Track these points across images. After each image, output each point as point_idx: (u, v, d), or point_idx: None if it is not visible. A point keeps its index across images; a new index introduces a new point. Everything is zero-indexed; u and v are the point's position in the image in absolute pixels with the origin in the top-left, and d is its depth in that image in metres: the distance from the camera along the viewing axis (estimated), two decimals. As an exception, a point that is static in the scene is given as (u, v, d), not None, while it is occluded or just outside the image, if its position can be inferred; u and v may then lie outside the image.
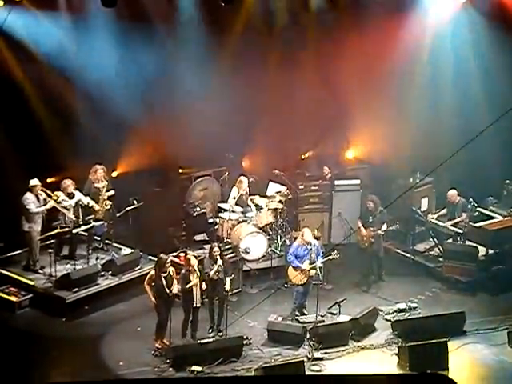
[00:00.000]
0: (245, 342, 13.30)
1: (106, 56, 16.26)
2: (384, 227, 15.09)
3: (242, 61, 16.75)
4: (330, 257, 14.15)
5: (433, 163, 13.96)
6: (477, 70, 16.93)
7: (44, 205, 14.70)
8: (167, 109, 16.56)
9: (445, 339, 12.96)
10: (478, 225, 16.01)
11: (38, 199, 14.71)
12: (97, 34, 16.15)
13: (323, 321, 13.88)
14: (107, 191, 15.51)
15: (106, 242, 15.80)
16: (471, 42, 16.80)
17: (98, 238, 15.81)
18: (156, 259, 13.48)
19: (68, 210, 14.85)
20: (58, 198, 14.75)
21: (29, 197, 14.62)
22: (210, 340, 13.09)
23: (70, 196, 14.95)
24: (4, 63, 15.60)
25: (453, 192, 15.98)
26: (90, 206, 15.15)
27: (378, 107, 16.70)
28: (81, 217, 15.12)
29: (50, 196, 14.73)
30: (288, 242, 15.61)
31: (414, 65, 17.00)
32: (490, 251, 15.68)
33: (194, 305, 13.21)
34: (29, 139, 15.67)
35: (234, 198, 16.00)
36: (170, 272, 13.10)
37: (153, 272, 13.15)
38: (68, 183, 14.99)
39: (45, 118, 16.08)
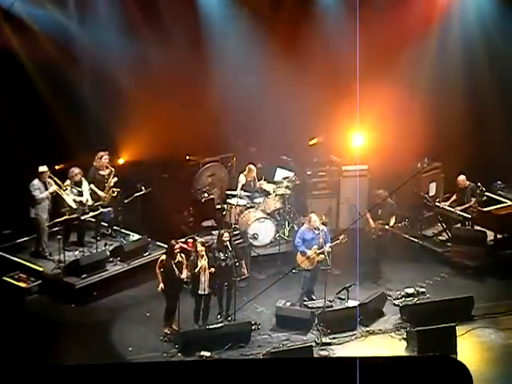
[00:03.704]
0: (253, 327, 13.34)
1: (113, 43, 16.25)
2: (392, 221, 15.02)
3: (249, 46, 16.72)
4: (338, 241, 14.17)
5: (441, 147, 13.99)
6: (486, 51, 16.85)
7: (46, 189, 14.73)
8: (174, 95, 16.53)
9: (453, 324, 12.98)
10: (486, 209, 15.99)
11: (45, 186, 14.75)
12: (103, 18, 16.14)
13: (331, 306, 13.90)
14: (112, 178, 15.52)
15: (114, 228, 15.85)
16: (480, 23, 16.71)
17: (106, 225, 15.85)
18: (165, 245, 13.51)
19: (81, 195, 14.87)
20: (67, 189, 14.80)
21: (35, 183, 14.66)
22: (219, 325, 13.12)
23: (78, 184, 14.98)
24: (11, 49, 15.58)
25: (462, 177, 15.94)
26: (86, 200, 15.06)
27: (386, 91, 16.63)
28: (90, 203, 15.11)
29: (59, 185, 14.75)
30: (296, 228, 15.61)
31: (423, 46, 16.91)
32: (499, 236, 15.67)
33: (200, 292, 13.23)
34: (37, 126, 15.69)
35: (243, 186, 16.01)
36: (180, 258, 13.14)
37: (164, 257, 13.20)
38: (76, 172, 15.01)
39: (52, 105, 16.06)
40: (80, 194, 14.95)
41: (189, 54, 16.65)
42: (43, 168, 14.73)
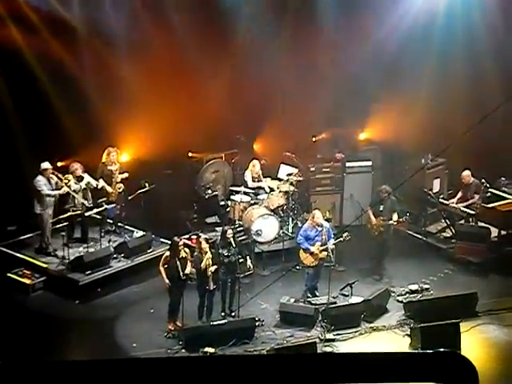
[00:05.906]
0: (257, 323, 13.33)
1: (117, 37, 16.26)
2: (394, 217, 14.99)
3: (253, 42, 16.69)
4: (341, 238, 14.15)
5: (445, 143, 13.94)
6: (490, 46, 16.79)
7: (57, 189, 14.75)
8: (178, 91, 16.52)
9: (457, 320, 12.96)
10: (489, 206, 15.97)
11: (49, 182, 14.76)
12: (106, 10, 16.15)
13: (335, 302, 13.90)
14: (120, 173, 15.56)
15: (119, 224, 15.86)
16: (484, 16, 16.65)
17: (111, 221, 15.87)
18: (169, 242, 13.53)
19: (77, 193, 14.90)
20: (69, 181, 14.82)
21: (40, 179, 14.68)
22: (223, 322, 13.13)
23: (79, 179, 15.00)
24: (14, 44, 15.56)
25: (467, 172, 15.91)
26: (99, 187, 15.21)
27: (389, 87, 16.61)
28: (91, 200, 15.14)
29: (60, 180, 14.78)
30: (300, 224, 15.60)
31: (425, 41, 16.88)
32: (502, 232, 15.64)
33: (209, 287, 13.25)
34: (39, 122, 15.70)
35: (253, 180, 16.04)
36: (184, 254, 13.15)
37: (167, 254, 13.21)
38: (76, 166, 15.03)
39: (55, 101, 16.07)
40: (79, 188, 14.94)
41: (193, 51, 16.63)
42: (46, 165, 14.74)
